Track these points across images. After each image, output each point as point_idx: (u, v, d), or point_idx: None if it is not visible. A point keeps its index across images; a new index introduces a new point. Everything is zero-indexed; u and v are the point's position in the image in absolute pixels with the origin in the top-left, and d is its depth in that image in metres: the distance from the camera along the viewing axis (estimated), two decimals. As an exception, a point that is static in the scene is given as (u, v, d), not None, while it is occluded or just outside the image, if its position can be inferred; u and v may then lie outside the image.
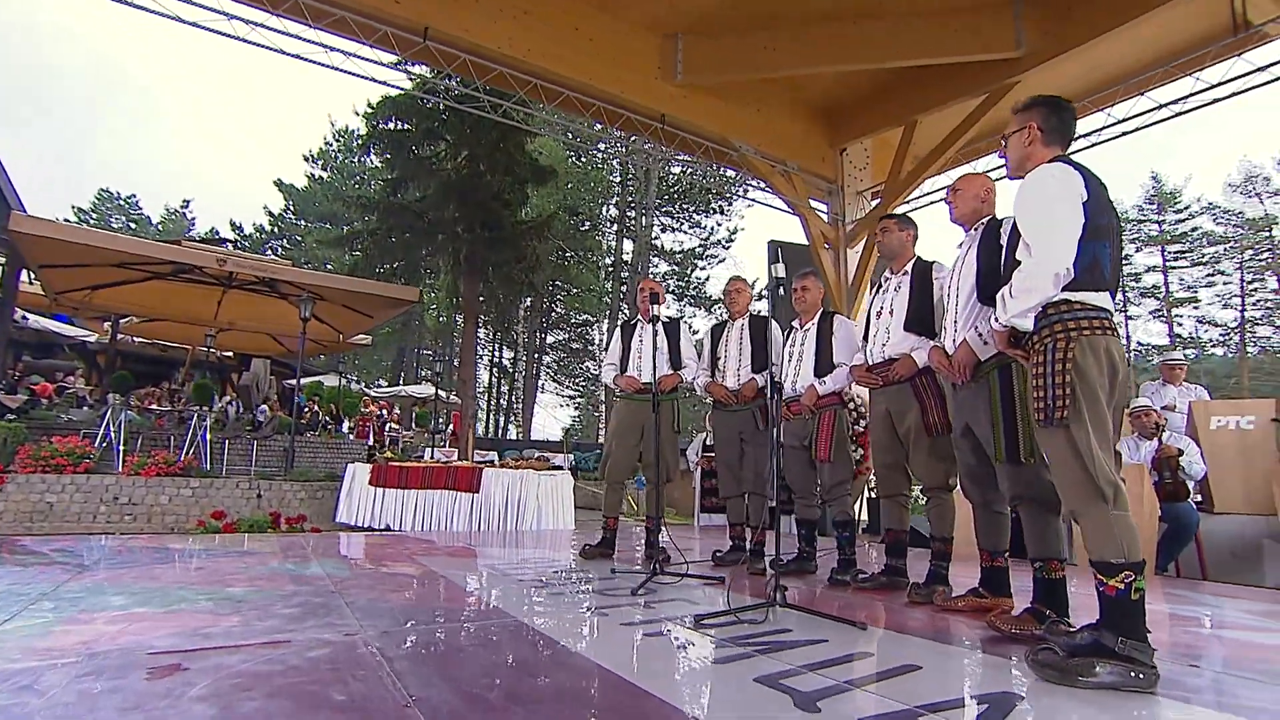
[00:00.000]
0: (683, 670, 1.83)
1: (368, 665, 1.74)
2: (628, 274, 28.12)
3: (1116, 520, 1.75)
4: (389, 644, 1.95)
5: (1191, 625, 2.78)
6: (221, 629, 2.06)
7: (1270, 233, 26.97)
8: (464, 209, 10.66)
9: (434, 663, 1.81)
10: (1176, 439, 4.50)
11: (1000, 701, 1.59)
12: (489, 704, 1.51)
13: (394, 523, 6.86)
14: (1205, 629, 2.72)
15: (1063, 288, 1.85)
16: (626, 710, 1.51)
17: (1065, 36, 7.61)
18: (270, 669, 1.68)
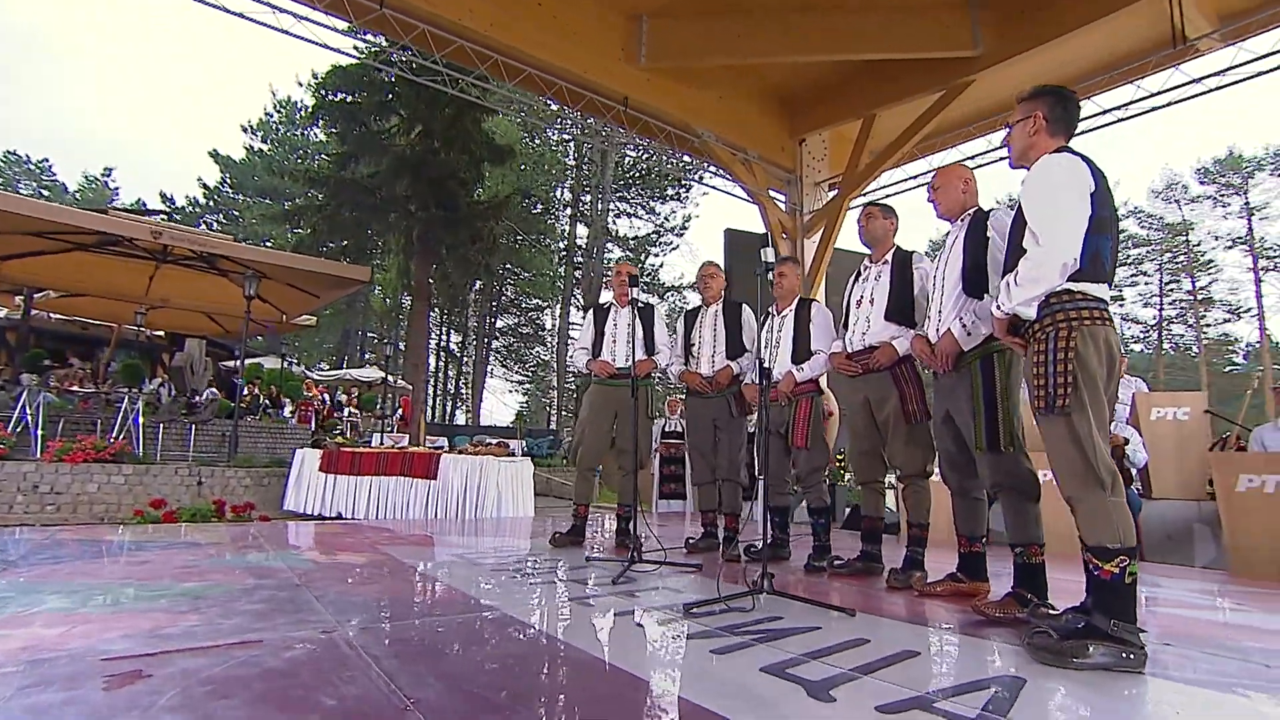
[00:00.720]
0: (686, 662, 1.78)
1: (354, 665, 1.62)
2: (582, 259, 27.85)
3: (1114, 507, 1.79)
4: (371, 641, 1.83)
5: (1150, 605, 2.92)
6: (181, 629, 1.90)
7: (1186, 237, 28.82)
8: (417, 186, 10.26)
9: (424, 660, 1.70)
10: (1121, 429, 4.72)
11: (1008, 685, 1.60)
12: (493, 703, 1.42)
13: (346, 510, 6.60)
14: (1161, 609, 2.85)
15: (1066, 278, 1.87)
16: (640, 705, 1.45)
17: (1020, 38, 7.83)
18: (246, 672, 1.54)
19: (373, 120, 10.36)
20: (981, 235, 2.56)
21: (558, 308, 29.93)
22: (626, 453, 4.12)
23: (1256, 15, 7.16)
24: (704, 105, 10.21)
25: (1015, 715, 1.42)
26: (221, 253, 8.20)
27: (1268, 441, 4.30)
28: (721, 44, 9.25)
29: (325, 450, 6.89)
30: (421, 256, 10.67)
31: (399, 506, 6.45)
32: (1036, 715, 1.43)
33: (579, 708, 1.45)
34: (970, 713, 1.43)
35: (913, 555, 3.01)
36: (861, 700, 1.48)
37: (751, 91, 10.76)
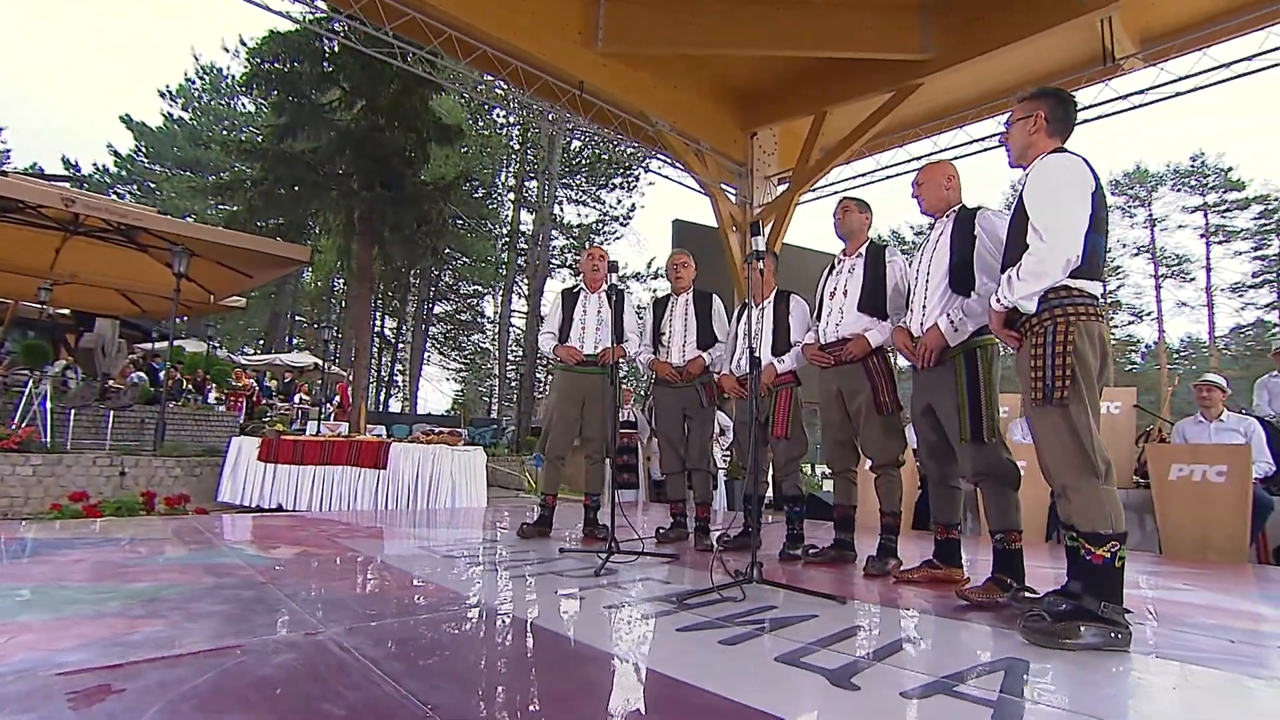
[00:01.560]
0: (700, 654, 1.75)
1: (354, 669, 1.50)
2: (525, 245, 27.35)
3: (1107, 495, 1.87)
4: (364, 643, 1.71)
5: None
6: (143, 636, 1.72)
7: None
8: (361, 164, 9.74)
9: (428, 661, 1.60)
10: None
11: (1012, 667, 1.65)
12: (515, 705, 1.35)
13: (287, 501, 6.27)
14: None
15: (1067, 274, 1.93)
16: (669, 701, 1.41)
17: (967, 45, 8.13)
18: (234, 683, 1.41)
19: (313, 92, 9.72)
20: (969, 233, 2.62)
21: (499, 294, 29.30)
22: (594, 441, 4.07)
23: (1174, 40, 7.70)
24: (659, 94, 10.18)
25: (1029, 695, 1.46)
26: (144, 226, 7.56)
27: (1189, 434, 4.64)
28: (678, 32, 9.23)
29: (264, 438, 6.50)
30: (364, 238, 10.17)
31: (345, 497, 6.17)
32: (1049, 695, 1.47)
33: (597, 703, 1.39)
34: (990, 695, 1.45)
35: (886, 543, 3.08)
36: (885, 687, 1.49)
37: (706, 83, 10.79)
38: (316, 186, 9.48)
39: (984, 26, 7.99)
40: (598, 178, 25.97)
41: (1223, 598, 2.76)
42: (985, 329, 2.60)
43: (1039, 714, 1.36)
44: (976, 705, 1.40)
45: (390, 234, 10.11)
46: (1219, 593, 2.87)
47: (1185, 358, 30.51)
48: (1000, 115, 9.33)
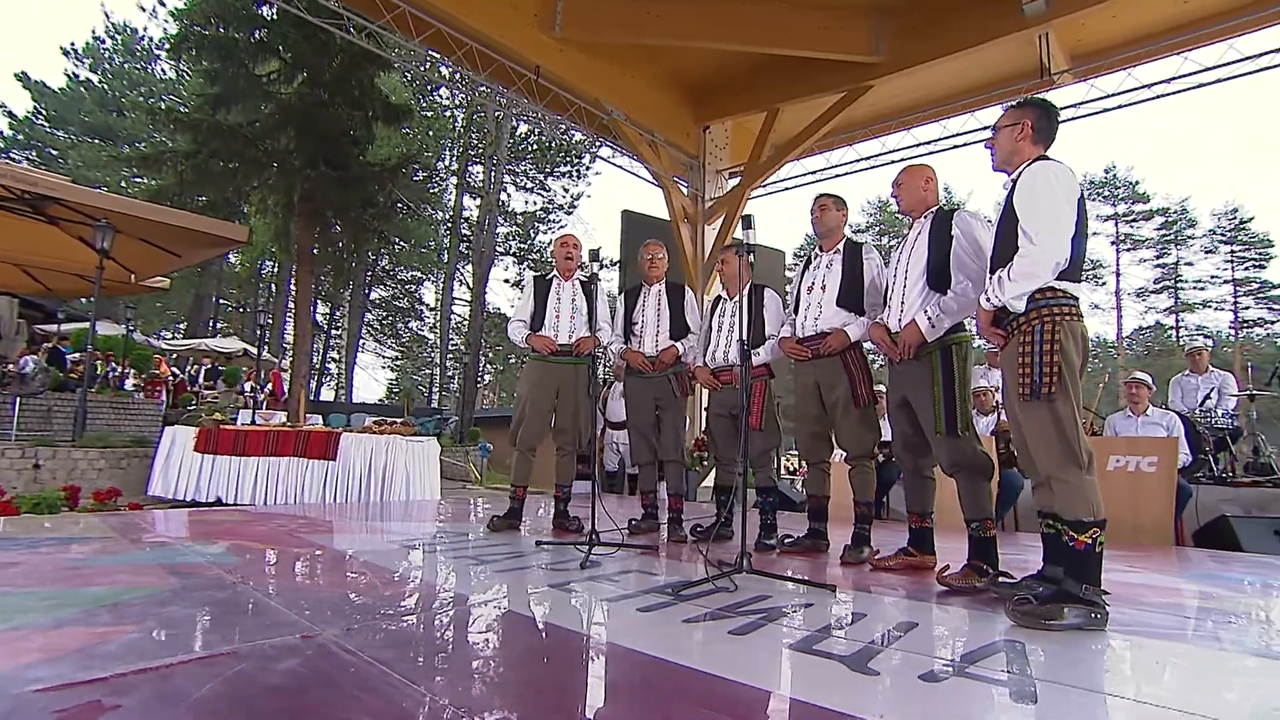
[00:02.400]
0: (716, 645, 1.75)
1: (367, 673, 1.43)
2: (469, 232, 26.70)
3: (1089, 484, 1.98)
4: (368, 644, 1.63)
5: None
6: (119, 646, 1.57)
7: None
8: (304, 141, 9.22)
9: (444, 662, 1.55)
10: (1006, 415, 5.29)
11: (1010, 648, 1.73)
12: (554, 705, 1.32)
13: (227, 495, 5.93)
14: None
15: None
16: (707, 694, 1.41)
17: (916, 52, 8.43)
18: (240, 691, 1.31)
19: (250, 62, 9.03)
20: (946, 233, 2.71)
21: (441, 281, 28.51)
22: (567, 432, 4.02)
23: (1102, 59, 8.24)
24: (614, 83, 10.11)
25: (1036, 674, 1.53)
26: (58, 197, 6.92)
27: (1119, 428, 4.99)
28: (636, 22, 9.19)
29: (202, 428, 6.11)
30: (305, 218, 9.65)
31: (292, 490, 5.88)
32: (1053, 672, 1.55)
33: (654, 704, 1.37)
34: (1000, 675, 1.53)
35: (860, 532, 3.18)
36: (902, 671, 1.54)
37: (661, 75, 10.79)
38: (255, 163, 8.88)
39: (932, 35, 8.29)
40: (545, 165, 25.56)
41: (1165, 578, 3.00)
42: (960, 326, 2.72)
43: (1052, 690, 1.43)
44: (992, 685, 1.46)
45: (334, 216, 9.63)
46: (1160, 574, 3.11)
47: (1096, 357, 32.88)
48: (945, 119, 9.76)
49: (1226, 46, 7.47)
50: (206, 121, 8.86)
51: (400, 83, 18.06)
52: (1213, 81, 7.56)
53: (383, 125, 10.12)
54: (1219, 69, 7.50)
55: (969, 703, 1.39)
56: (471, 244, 24.56)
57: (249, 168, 8.89)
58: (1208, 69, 7.56)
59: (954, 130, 9.67)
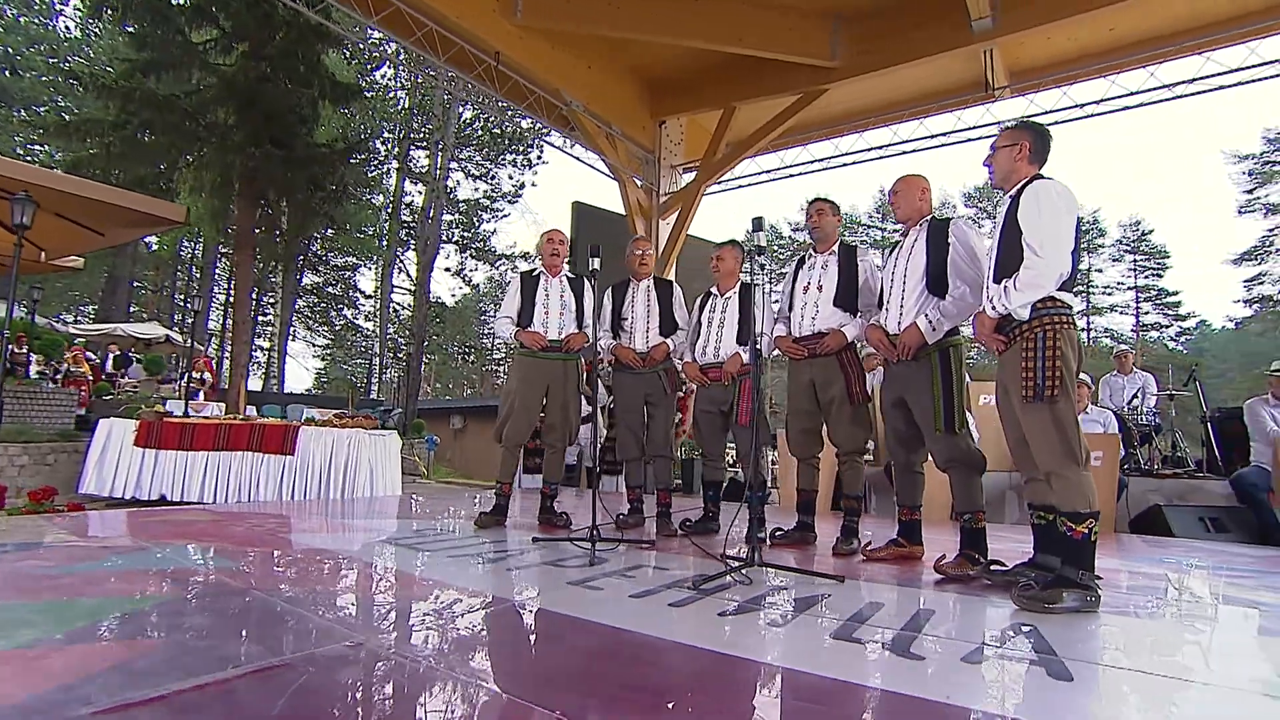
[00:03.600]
0: (756, 636, 1.81)
1: (436, 677, 1.42)
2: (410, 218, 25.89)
3: (1085, 479, 2.15)
4: (423, 648, 1.61)
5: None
6: (157, 660, 1.48)
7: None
8: (248, 117, 8.66)
9: (510, 663, 1.54)
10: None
11: (1030, 631, 1.87)
12: (635, 703, 1.34)
13: (172, 492, 5.59)
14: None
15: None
16: (776, 684, 1.46)
17: (871, 58, 8.73)
18: (316, 704, 1.27)
19: (188, 27, 8.33)
20: (943, 241, 2.86)
21: (379, 268, 27.52)
22: (555, 429, 4.00)
23: (1037, 78, 8.79)
24: (574, 73, 10.03)
25: (1061, 654, 1.67)
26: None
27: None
28: (599, 12, 9.14)
29: (142, 420, 5.72)
30: (246, 199, 9.10)
31: (246, 486, 5.59)
32: (1074, 650, 1.68)
33: (742, 699, 1.41)
34: (1030, 654, 1.65)
35: (849, 524, 3.33)
36: (944, 655, 1.64)
37: (620, 68, 10.77)
38: (191, 137, 8.26)
39: (887, 44, 8.59)
40: (493, 152, 25.00)
41: (1127, 563, 3.28)
42: (955, 329, 2.88)
43: (1081, 668, 1.57)
44: (1028, 664, 1.59)
45: (277, 197, 9.11)
46: (1119, 559, 3.40)
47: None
48: (895, 125, 10.15)
49: (1147, 74, 8.12)
50: (140, 90, 8.18)
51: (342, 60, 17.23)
52: (1136, 105, 8.20)
53: (329, 105, 9.62)
54: (1141, 94, 8.13)
55: (1014, 681, 1.50)
56: (413, 231, 23.78)
57: (184, 142, 8.27)
58: (1131, 93, 8.19)
59: (904, 136, 10.08)
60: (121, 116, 7.75)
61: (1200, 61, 7.81)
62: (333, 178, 9.46)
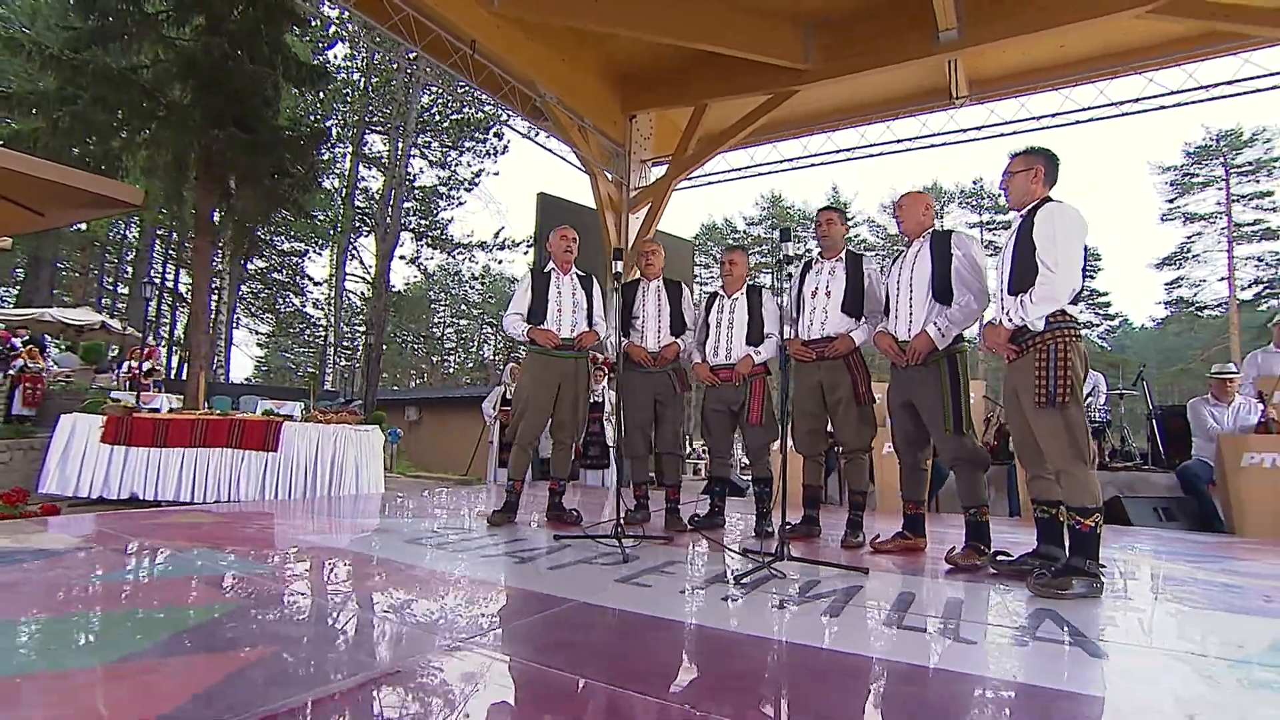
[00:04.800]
0: (822, 627, 1.95)
1: (558, 682, 1.50)
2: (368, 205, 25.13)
3: (1091, 477, 2.38)
4: (528, 650, 1.68)
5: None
6: (269, 672, 1.49)
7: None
8: (209, 97, 8.24)
9: (617, 662, 1.64)
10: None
11: (1051, 615, 2.08)
12: (747, 692, 1.46)
13: (144, 491, 5.39)
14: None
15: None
16: (865, 672, 1.61)
17: (842, 62, 8.99)
18: (456, 706, 1.35)
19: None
20: (946, 253, 3.07)
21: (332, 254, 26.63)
22: (566, 426, 4.07)
23: (994, 89, 9.26)
24: (548, 64, 9.99)
25: (1089, 635, 1.87)
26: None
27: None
28: (575, 4, 9.13)
29: (110, 416, 5.47)
30: (206, 183, 8.69)
31: (225, 484, 5.44)
32: (1102, 632, 1.89)
33: (838, 687, 1.55)
34: (1063, 637, 1.86)
35: (854, 518, 3.52)
36: (992, 640, 1.83)
37: (594, 61, 10.76)
38: (147, 115, 7.80)
39: (858, 49, 8.86)
40: (453, 139, 24.45)
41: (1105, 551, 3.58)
42: (960, 336, 3.10)
43: (1113, 648, 1.78)
44: (1065, 646, 1.79)
45: (239, 181, 8.72)
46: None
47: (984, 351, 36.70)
48: (863, 127, 10.48)
49: (1097, 91, 8.67)
50: (92, 63, 7.65)
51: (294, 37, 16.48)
52: (1088, 120, 8.74)
53: (294, 86, 9.24)
54: (1092, 109, 8.68)
55: (1064, 661, 1.70)
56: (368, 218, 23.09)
57: (138, 120, 7.80)
58: (1083, 109, 8.73)
59: (871, 139, 10.44)
60: (70, 90, 7.21)
61: (1143, 83, 8.38)
62: (303, 163, 9.14)
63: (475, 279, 38.83)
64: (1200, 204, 29.64)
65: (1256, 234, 28.38)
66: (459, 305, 42.32)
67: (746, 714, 1.30)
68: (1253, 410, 4.87)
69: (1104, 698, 1.45)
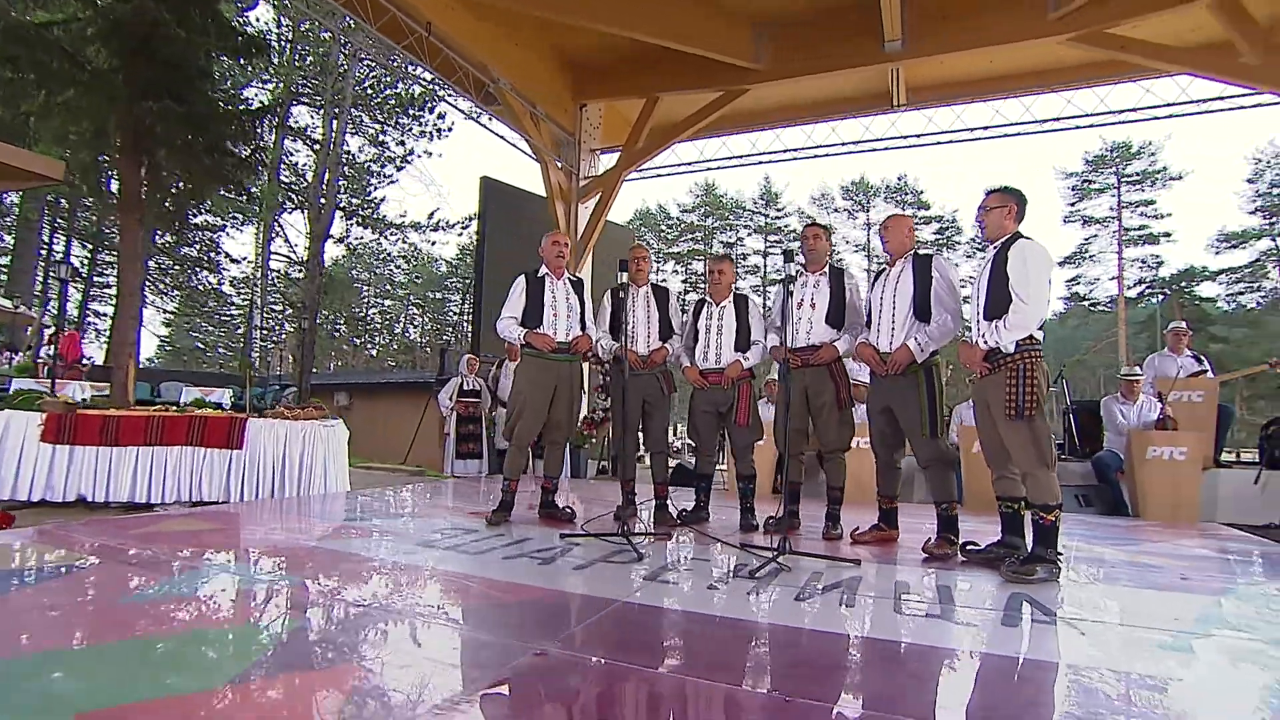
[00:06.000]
0: (845, 617, 2.23)
1: (641, 677, 1.70)
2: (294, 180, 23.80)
3: (1052, 479, 2.78)
4: (601, 649, 1.87)
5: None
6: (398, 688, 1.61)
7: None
8: (139, 64, 7.63)
9: (696, 656, 1.85)
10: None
11: (1026, 597, 2.44)
12: (808, 677, 1.71)
13: (92, 492, 5.12)
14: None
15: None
16: (900, 656, 1.89)
17: (791, 64, 9.35)
18: (579, 703, 1.52)
19: None
20: (927, 274, 3.41)
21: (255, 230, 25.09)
22: (561, 427, 4.21)
23: (930, 97, 9.88)
24: (501, 49, 9.90)
25: (1059, 614, 2.24)
26: None
27: (964, 416, 6.31)
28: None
29: (50, 413, 5.14)
30: (131, 156, 8.09)
31: (186, 484, 5.24)
32: (1066, 612, 2.26)
33: (861, 665, 1.81)
34: (1046, 617, 2.22)
35: (833, 512, 3.86)
36: (984, 622, 2.16)
37: (544, 46, 10.71)
38: (67, 81, 7.12)
39: (808, 52, 9.22)
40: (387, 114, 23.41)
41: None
42: (935, 350, 3.45)
43: (1086, 627, 2.14)
44: (1050, 625, 2.14)
45: (172, 158, 8.15)
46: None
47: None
48: (810, 125, 10.91)
49: (1024, 108, 9.43)
50: (5, 21, 6.88)
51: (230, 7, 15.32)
52: (1015, 134, 9.50)
53: (246, 60, 8.64)
54: (1019, 125, 9.44)
55: (1053, 637, 2.04)
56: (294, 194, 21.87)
57: (56, 84, 7.12)
58: (1011, 123, 9.48)
59: (818, 140, 10.91)
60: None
61: (1062, 103, 9.20)
62: (246, 141, 8.63)
63: (401, 258, 37.58)
64: (1096, 208, 32.42)
65: (1141, 238, 31.34)
66: (384, 285, 40.83)
67: (834, 700, 1.54)
68: (1153, 408, 5.58)
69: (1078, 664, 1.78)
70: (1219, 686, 1.71)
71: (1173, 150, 36.60)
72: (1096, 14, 7.49)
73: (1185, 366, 5.99)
